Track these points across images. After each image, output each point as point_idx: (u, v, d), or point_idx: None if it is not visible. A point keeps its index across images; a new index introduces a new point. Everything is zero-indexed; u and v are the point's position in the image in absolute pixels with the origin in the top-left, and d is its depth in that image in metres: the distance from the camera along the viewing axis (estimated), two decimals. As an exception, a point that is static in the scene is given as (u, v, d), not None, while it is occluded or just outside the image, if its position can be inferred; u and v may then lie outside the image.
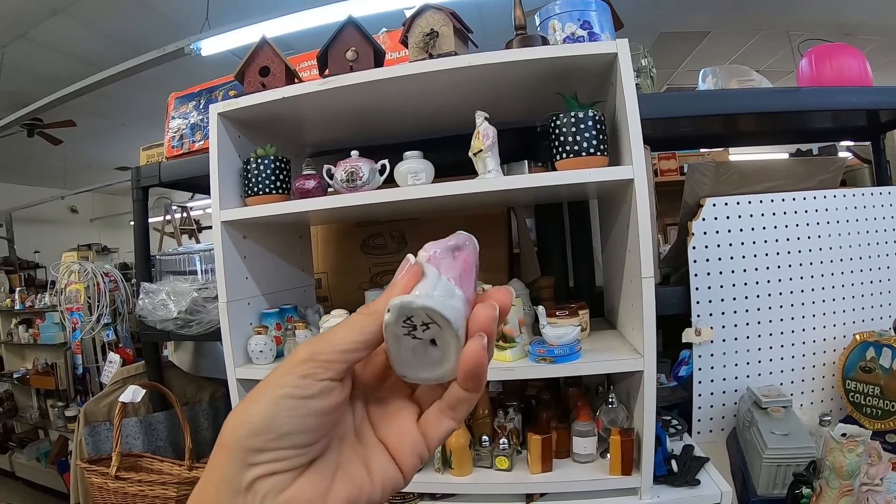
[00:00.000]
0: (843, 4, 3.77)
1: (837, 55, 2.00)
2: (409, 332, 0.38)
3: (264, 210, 1.39)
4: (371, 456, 0.41)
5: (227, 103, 1.45)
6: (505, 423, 1.39)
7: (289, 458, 0.36)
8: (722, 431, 1.72)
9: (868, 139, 2.34)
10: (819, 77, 1.97)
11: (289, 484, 0.36)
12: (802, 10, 3.95)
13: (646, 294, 1.21)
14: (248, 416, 0.36)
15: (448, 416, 0.41)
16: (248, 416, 0.36)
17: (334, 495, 0.38)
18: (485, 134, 1.25)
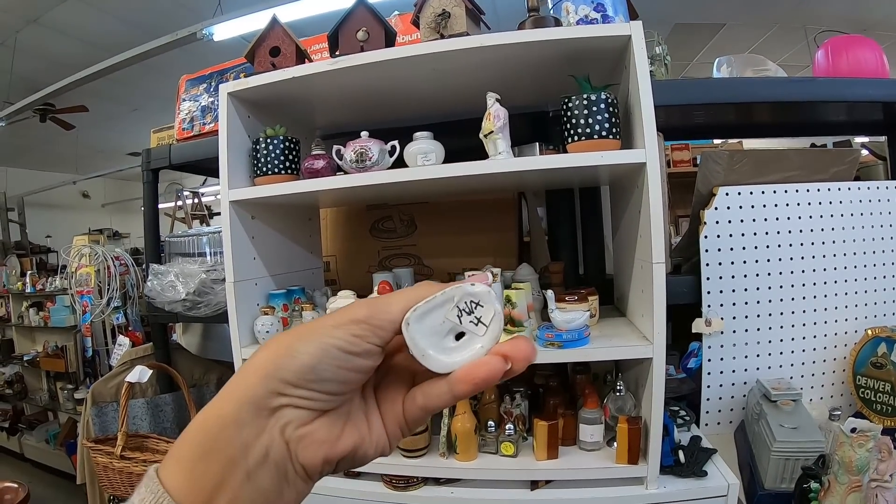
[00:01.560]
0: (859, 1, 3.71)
1: (854, 47, 1.96)
2: (458, 314, 0.41)
3: (272, 190, 1.38)
4: (372, 416, 0.43)
5: (237, 83, 1.44)
6: (511, 408, 1.38)
7: (319, 399, 0.39)
8: (730, 424, 1.70)
9: (884, 134, 2.30)
10: (835, 69, 1.93)
11: (310, 421, 0.39)
12: (820, 4, 3.89)
13: (656, 280, 1.19)
14: (295, 352, 0.39)
15: (421, 406, 0.43)
16: (295, 352, 0.39)
17: (343, 442, 0.40)
18: (496, 115, 1.23)
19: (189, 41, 3.12)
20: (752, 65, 2.03)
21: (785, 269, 1.68)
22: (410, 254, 1.85)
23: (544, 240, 1.93)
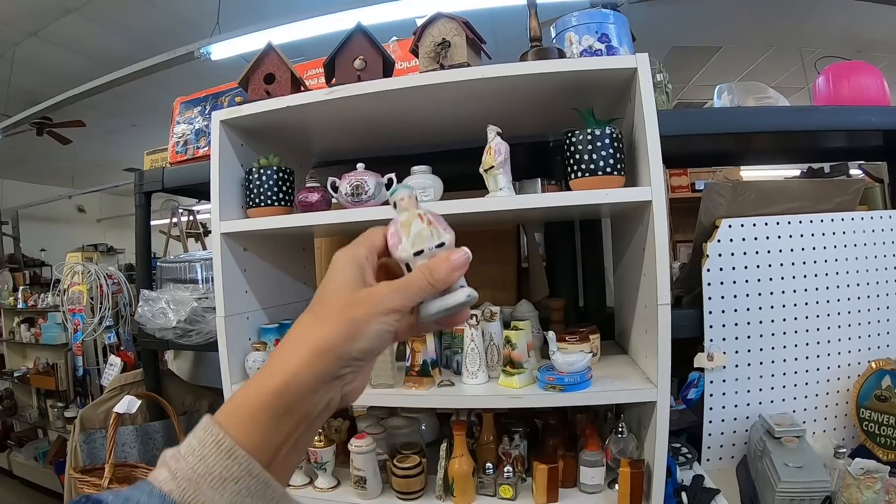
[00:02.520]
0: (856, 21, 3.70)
1: (855, 73, 1.93)
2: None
3: (265, 223, 1.33)
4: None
5: (230, 111, 1.39)
6: (510, 449, 1.32)
7: (367, 365, 0.52)
8: (732, 459, 1.65)
9: (883, 159, 2.27)
10: (836, 95, 1.89)
11: (356, 378, 0.51)
12: (815, 26, 3.88)
13: (661, 321, 1.14)
14: (360, 336, 0.49)
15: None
16: (360, 336, 0.49)
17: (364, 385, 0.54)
18: (497, 149, 1.18)
19: (187, 59, 3.07)
20: (753, 92, 2.00)
21: (788, 301, 1.63)
22: None
23: (542, 270, 1.87)
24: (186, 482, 0.43)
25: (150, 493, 0.43)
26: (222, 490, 0.44)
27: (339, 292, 0.53)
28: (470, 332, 1.22)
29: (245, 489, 0.44)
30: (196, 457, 0.44)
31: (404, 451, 1.32)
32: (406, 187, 0.65)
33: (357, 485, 1.33)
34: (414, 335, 0.64)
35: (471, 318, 1.22)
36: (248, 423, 0.47)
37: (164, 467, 0.45)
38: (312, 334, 0.50)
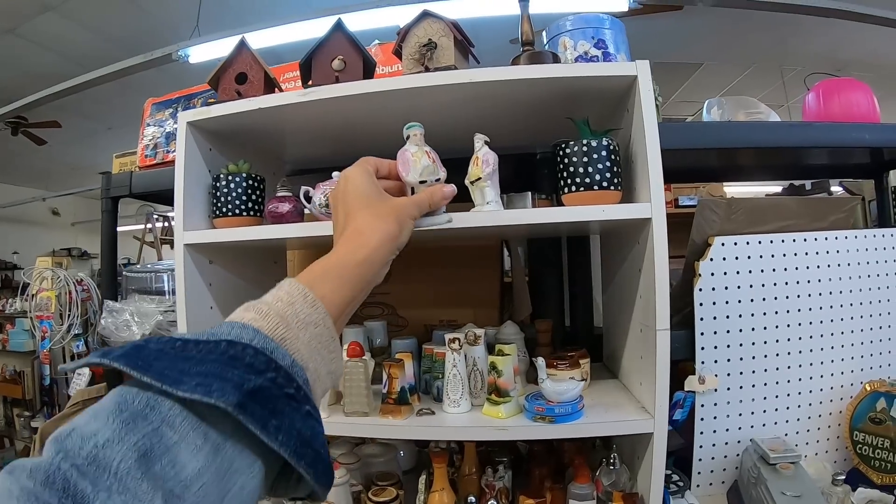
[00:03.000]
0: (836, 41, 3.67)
1: (846, 90, 1.86)
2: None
3: (232, 234, 1.19)
4: None
5: (197, 111, 1.26)
6: (493, 481, 1.20)
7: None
8: (722, 485, 1.54)
9: (869, 176, 2.20)
10: (826, 112, 1.82)
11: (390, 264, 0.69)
12: (795, 44, 3.84)
13: (660, 348, 1.02)
14: (405, 232, 0.72)
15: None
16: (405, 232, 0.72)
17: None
18: (484, 160, 1.06)
19: (164, 62, 2.91)
20: (743, 107, 1.91)
21: (781, 321, 1.54)
22: (384, 303, 1.65)
23: (526, 287, 1.75)
24: (278, 318, 0.50)
25: (241, 326, 0.47)
26: (305, 331, 0.51)
27: (380, 197, 0.73)
28: (452, 357, 1.09)
29: (320, 335, 0.52)
30: (284, 303, 0.52)
31: (380, 483, 1.19)
32: (420, 125, 0.89)
33: (329, 520, 1.20)
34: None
35: (453, 341, 1.09)
36: (330, 284, 0.58)
37: (248, 311, 0.50)
38: (379, 227, 0.67)
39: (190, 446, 0.40)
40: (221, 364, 0.44)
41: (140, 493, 0.36)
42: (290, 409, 0.45)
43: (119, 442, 0.38)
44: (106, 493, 0.35)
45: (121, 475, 0.36)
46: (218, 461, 0.42)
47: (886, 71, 3.90)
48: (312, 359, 0.51)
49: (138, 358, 0.42)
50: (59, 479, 0.34)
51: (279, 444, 0.43)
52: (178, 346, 0.45)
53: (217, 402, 0.41)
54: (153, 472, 0.37)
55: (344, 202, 0.71)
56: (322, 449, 0.47)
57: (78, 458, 0.36)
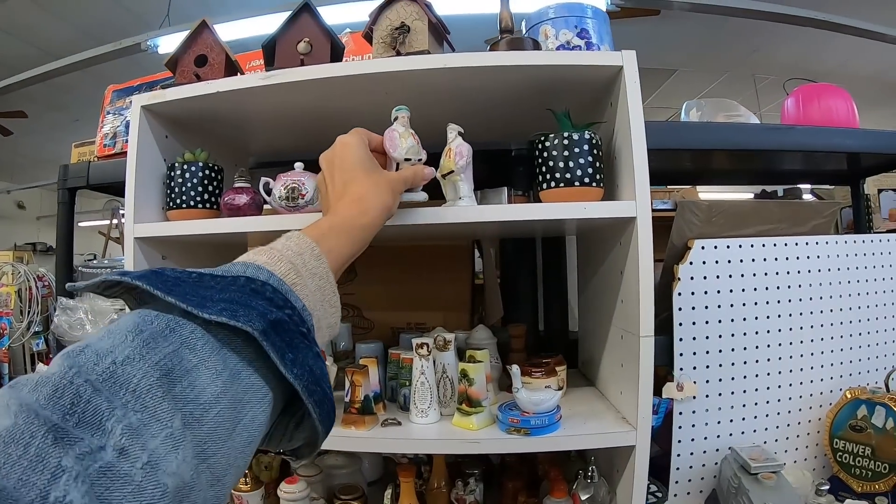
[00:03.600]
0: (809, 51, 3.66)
1: (825, 96, 1.80)
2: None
3: (186, 228, 1.07)
4: None
5: (152, 94, 1.14)
6: (464, 495, 1.10)
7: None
8: (700, 494, 1.46)
9: (845, 183, 2.15)
10: (806, 117, 1.76)
11: None
12: (769, 54, 3.82)
13: (643, 356, 0.94)
14: (397, 203, 0.76)
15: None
16: (397, 203, 0.76)
17: None
18: (458, 152, 0.96)
19: (133, 52, 2.76)
20: (723, 109, 1.84)
21: (760, 327, 1.46)
22: (349, 304, 1.52)
23: (498, 288, 1.66)
24: (289, 265, 0.50)
25: (256, 267, 0.47)
26: (312, 281, 0.51)
27: (377, 168, 0.76)
28: (420, 364, 0.98)
29: (323, 287, 0.53)
30: (294, 252, 0.52)
31: (343, 497, 1.08)
32: (407, 109, 0.90)
33: (288, 536, 1.08)
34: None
35: (421, 347, 0.99)
36: (335, 241, 0.61)
37: (260, 255, 0.50)
38: (380, 197, 0.70)
39: (210, 371, 0.39)
40: (245, 294, 0.44)
41: (160, 412, 0.34)
42: (304, 347, 0.45)
43: (140, 360, 0.36)
44: (122, 410, 0.33)
45: (140, 392, 0.34)
46: (234, 389, 0.40)
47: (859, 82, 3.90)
48: (317, 308, 0.51)
49: (158, 280, 0.41)
50: (69, 395, 0.32)
51: (294, 376, 0.42)
52: (195, 277, 0.44)
53: (244, 326, 0.40)
54: (174, 393, 0.36)
55: (342, 167, 0.73)
56: (329, 390, 0.47)
57: (93, 374, 0.33)
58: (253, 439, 0.42)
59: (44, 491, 0.28)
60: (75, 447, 0.30)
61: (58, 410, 0.31)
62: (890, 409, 1.35)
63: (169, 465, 0.34)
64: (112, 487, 0.31)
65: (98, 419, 0.32)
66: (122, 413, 0.32)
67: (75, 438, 0.30)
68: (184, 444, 0.35)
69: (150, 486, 0.32)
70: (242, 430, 0.41)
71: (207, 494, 0.37)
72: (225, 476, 0.39)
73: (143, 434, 0.33)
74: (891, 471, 1.33)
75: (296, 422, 0.48)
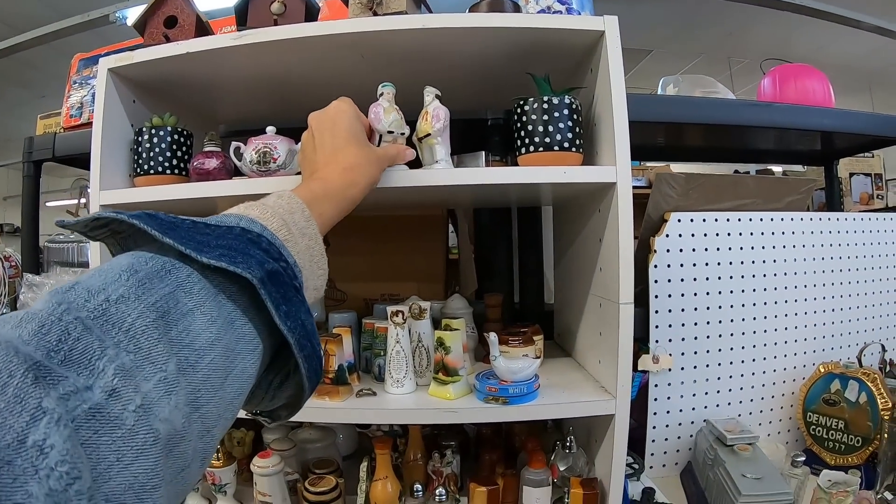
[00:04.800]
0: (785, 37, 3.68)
1: (802, 76, 1.80)
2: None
3: (153, 194, 1.02)
4: None
5: (119, 57, 1.08)
6: (441, 467, 1.07)
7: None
8: (676, 466, 1.47)
9: (818, 164, 2.16)
10: (782, 97, 1.76)
11: None
12: (745, 39, 3.83)
13: (623, 324, 0.92)
14: (380, 171, 0.77)
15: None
16: (380, 171, 0.77)
17: None
18: (434, 115, 0.93)
19: (100, 24, 2.66)
20: (700, 86, 1.83)
21: (736, 301, 1.47)
22: None
23: (472, 260, 1.63)
24: (281, 221, 0.49)
25: (249, 220, 0.45)
26: (302, 239, 0.51)
27: (367, 141, 0.76)
28: (395, 332, 0.95)
29: (311, 248, 0.52)
30: (285, 210, 0.51)
31: (317, 471, 1.05)
32: (392, 85, 0.91)
33: (261, 511, 1.06)
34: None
35: (396, 314, 0.96)
36: (326, 206, 0.60)
37: (252, 209, 0.49)
38: (369, 171, 0.71)
39: (206, 316, 0.37)
40: (242, 242, 0.42)
41: (154, 354, 0.32)
42: (297, 301, 0.44)
43: (136, 300, 0.34)
44: (114, 349, 0.30)
45: (134, 333, 0.32)
46: (228, 337, 0.39)
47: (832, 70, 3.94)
48: (306, 267, 0.50)
49: (154, 222, 0.39)
50: (56, 332, 0.29)
51: (288, 329, 0.42)
52: (189, 224, 0.42)
53: (244, 273, 0.39)
54: (170, 336, 0.34)
55: (333, 132, 0.72)
56: (318, 346, 0.46)
57: (83, 311, 0.31)
58: (242, 391, 0.41)
59: (21, 434, 0.25)
60: (58, 387, 0.27)
61: (42, 347, 0.28)
62: (863, 383, 1.36)
63: (161, 410, 0.31)
64: (101, 431, 0.28)
65: (87, 358, 0.29)
66: (115, 353, 0.30)
67: (59, 377, 0.28)
68: (177, 390, 0.33)
69: (142, 432, 0.30)
70: (234, 380, 0.39)
71: (197, 446, 0.35)
72: (215, 427, 0.37)
73: (136, 376, 0.31)
74: (864, 444, 1.34)
75: (280, 379, 0.47)
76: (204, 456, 0.37)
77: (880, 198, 3.43)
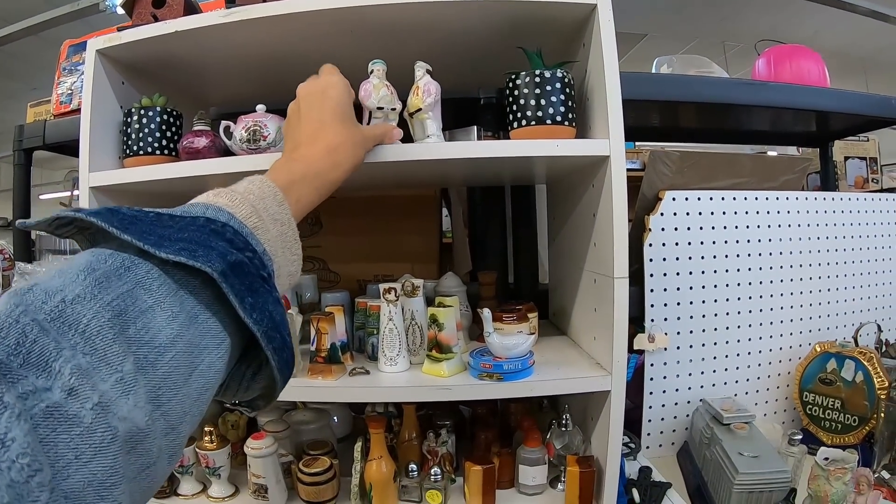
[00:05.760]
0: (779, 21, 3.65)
1: (797, 57, 1.78)
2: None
3: (143, 174, 1.00)
4: None
5: (108, 37, 1.06)
6: (436, 447, 1.07)
7: None
8: (672, 446, 1.47)
9: (813, 145, 2.15)
10: (777, 78, 1.74)
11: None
12: (740, 23, 3.80)
13: (618, 299, 0.91)
14: (361, 156, 0.74)
15: None
16: (361, 156, 0.74)
17: None
18: (425, 90, 0.92)
19: (91, 13, 2.63)
20: (695, 66, 1.81)
21: (731, 280, 1.47)
22: (314, 257, 1.46)
23: (466, 240, 1.62)
24: (250, 208, 0.47)
25: (216, 209, 0.44)
26: (274, 226, 0.49)
27: (354, 120, 0.74)
28: (388, 310, 0.94)
29: (285, 234, 0.50)
30: (256, 196, 0.49)
31: (312, 452, 1.04)
32: (382, 62, 0.91)
33: (257, 494, 1.04)
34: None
35: (388, 292, 0.95)
36: (304, 190, 0.58)
37: (220, 197, 0.47)
38: (354, 153, 0.69)
39: (166, 312, 0.37)
40: (205, 234, 0.41)
41: (110, 354, 0.32)
42: (264, 291, 0.43)
43: (91, 300, 0.33)
44: (70, 351, 0.30)
45: (89, 334, 0.32)
46: (191, 332, 0.38)
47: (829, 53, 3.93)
48: (278, 254, 0.49)
49: (114, 218, 0.38)
50: (14, 334, 0.29)
51: (253, 321, 0.40)
52: (153, 217, 0.41)
53: (203, 266, 0.38)
54: (126, 335, 0.33)
55: (320, 106, 0.70)
56: (288, 337, 0.45)
57: (40, 314, 0.31)
58: (209, 386, 0.40)
59: None
60: (18, 385, 0.27)
61: (2, 350, 0.28)
62: (859, 362, 1.36)
63: (120, 409, 0.31)
64: (59, 429, 0.28)
65: (44, 360, 0.29)
66: (71, 354, 0.30)
67: (19, 376, 0.28)
68: (135, 389, 0.33)
69: (99, 429, 0.30)
70: (199, 376, 0.38)
71: (162, 443, 0.35)
72: (180, 424, 0.37)
73: (93, 376, 0.31)
74: (860, 423, 1.34)
75: (253, 370, 0.46)
76: (171, 453, 0.36)
77: (875, 181, 3.41)
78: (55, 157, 1.67)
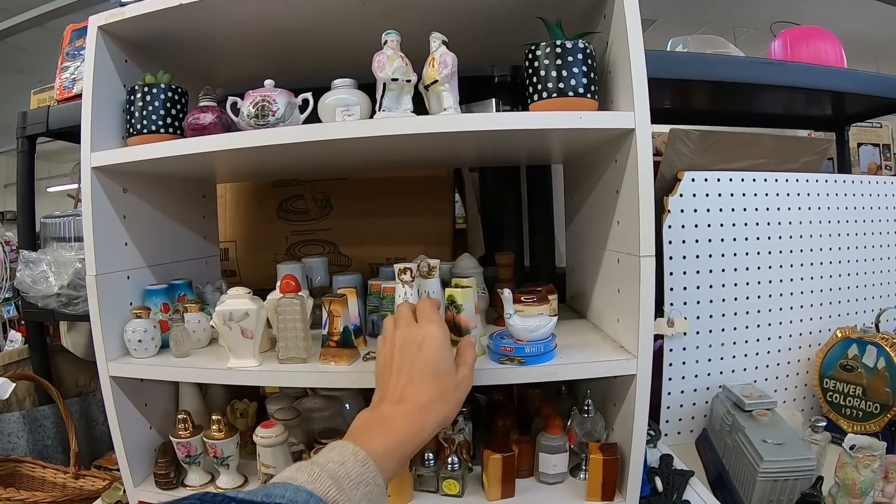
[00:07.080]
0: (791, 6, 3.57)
1: (814, 38, 1.73)
2: None
3: (146, 152, 0.96)
4: None
5: (110, 13, 1.01)
6: (453, 435, 1.02)
7: None
8: (691, 433, 1.43)
9: (829, 129, 2.09)
10: (794, 60, 1.68)
11: None
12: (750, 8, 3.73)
13: (644, 277, 0.86)
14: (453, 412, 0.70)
15: None
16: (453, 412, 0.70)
17: None
18: (441, 61, 0.87)
19: (95, 2, 2.59)
20: (712, 45, 1.75)
21: (752, 263, 1.42)
22: (325, 240, 1.41)
23: (479, 223, 1.57)
24: (330, 480, 0.52)
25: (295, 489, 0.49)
26: (356, 490, 0.53)
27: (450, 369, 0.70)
28: (403, 291, 0.88)
29: (370, 493, 0.55)
30: (336, 463, 0.55)
31: (324, 441, 1.00)
32: (396, 33, 0.87)
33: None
34: None
35: (403, 272, 0.90)
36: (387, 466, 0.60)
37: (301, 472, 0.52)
38: (442, 410, 0.68)
39: None
40: None
41: None
42: None
43: None
44: None
45: None
46: None
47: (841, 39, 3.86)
48: None
49: None
50: None
51: None
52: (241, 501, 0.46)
53: None
54: None
55: (412, 360, 0.69)
56: None
57: None
58: None
59: None
60: None
61: None
62: (882, 348, 1.31)
63: None
64: None
65: None
66: None
67: None
68: None
69: None
70: None
71: None
72: None
73: None
74: (882, 411, 1.30)
75: None
76: None
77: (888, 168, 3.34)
78: (62, 150, 1.63)
